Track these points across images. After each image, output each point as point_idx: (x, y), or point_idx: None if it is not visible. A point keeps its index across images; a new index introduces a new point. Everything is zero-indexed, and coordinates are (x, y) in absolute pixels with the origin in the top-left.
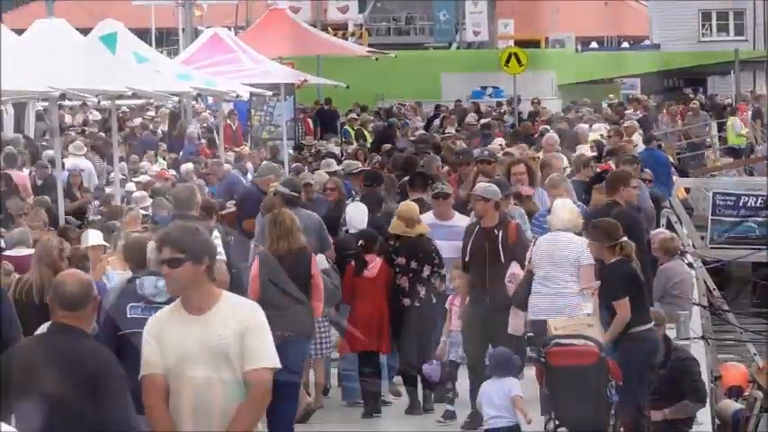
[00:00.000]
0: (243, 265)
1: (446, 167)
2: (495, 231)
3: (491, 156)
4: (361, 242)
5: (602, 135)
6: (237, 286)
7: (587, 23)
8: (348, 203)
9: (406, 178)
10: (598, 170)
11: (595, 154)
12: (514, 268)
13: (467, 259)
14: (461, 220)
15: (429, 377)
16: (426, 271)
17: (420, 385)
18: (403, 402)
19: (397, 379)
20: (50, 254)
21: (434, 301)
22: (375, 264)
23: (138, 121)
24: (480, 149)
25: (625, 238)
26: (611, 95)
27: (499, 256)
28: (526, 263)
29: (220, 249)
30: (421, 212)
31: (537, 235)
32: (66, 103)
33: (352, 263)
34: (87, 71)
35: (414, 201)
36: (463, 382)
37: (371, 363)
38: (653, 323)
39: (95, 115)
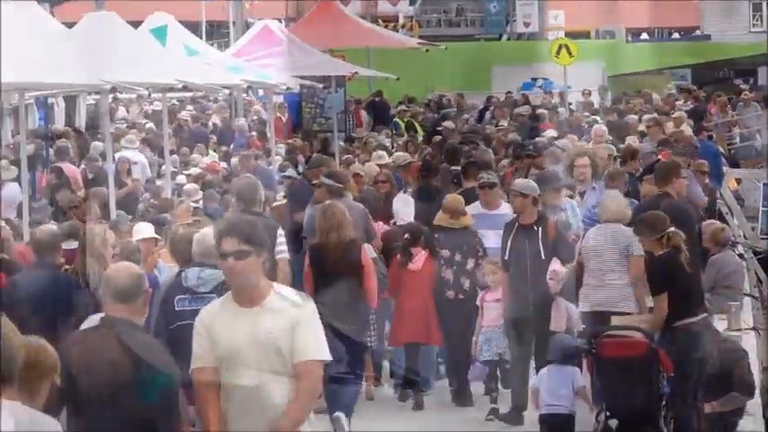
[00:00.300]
0: (293, 258)
1: (505, 160)
2: (535, 228)
3: (537, 149)
4: (406, 235)
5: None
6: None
7: (638, 14)
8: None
9: (454, 168)
10: (657, 158)
11: (643, 144)
12: (555, 265)
13: (506, 257)
14: (508, 208)
15: (474, 379)
16: (471, 263)
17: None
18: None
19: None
20: (92, 243)
21: (479, 293)
22: (420, 256)
23: (186, 113)
24: (528, 142)
25: (672, 229)
26: (669, 86)
27: (539, 254)
28: (576, 254)
29: (284, 247)
30: (473, 202)
31: (588, 227)
32: (121, 96)
33: (398, 255)
34: (137, 64)
35: (468, 189)
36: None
37: (417, 354)
38: (702, 315)
39: (156, 105)
